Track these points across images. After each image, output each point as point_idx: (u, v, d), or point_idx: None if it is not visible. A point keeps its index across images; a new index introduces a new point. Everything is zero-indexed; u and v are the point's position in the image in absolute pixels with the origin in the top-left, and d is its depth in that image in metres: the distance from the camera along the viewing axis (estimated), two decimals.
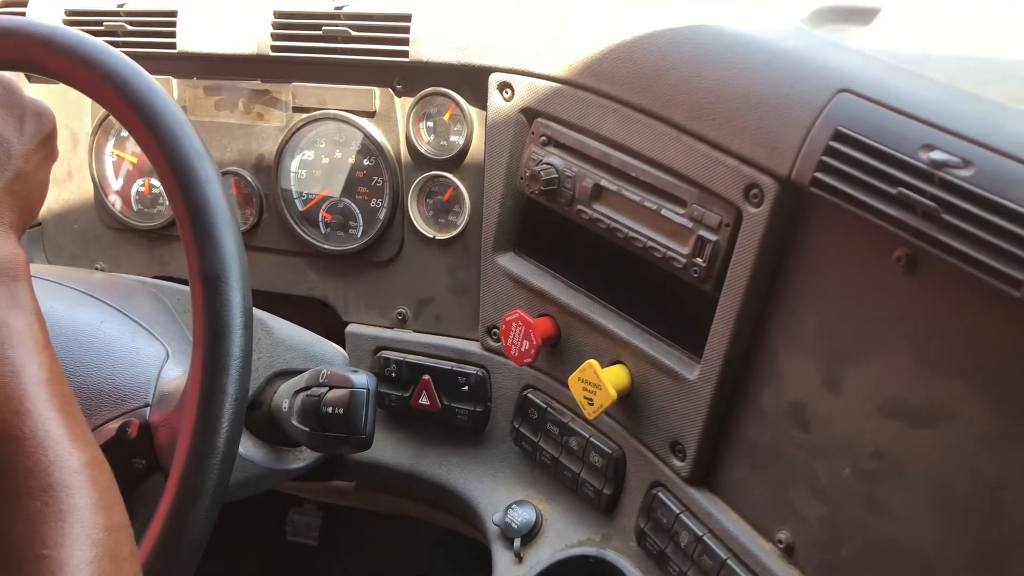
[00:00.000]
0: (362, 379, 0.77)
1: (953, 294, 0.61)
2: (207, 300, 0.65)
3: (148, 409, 0.75)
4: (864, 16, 0.82)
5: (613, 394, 0.84)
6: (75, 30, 0.70)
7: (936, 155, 0.60)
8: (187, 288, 0.95)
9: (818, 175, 0.66)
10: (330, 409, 0.77)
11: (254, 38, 1.06)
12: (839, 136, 0.65)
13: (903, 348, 0.65)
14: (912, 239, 0.61)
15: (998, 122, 0.60)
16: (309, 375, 0.82)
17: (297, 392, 0.83)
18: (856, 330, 0.68)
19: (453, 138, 1.01)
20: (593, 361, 0.86)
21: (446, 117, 1.01)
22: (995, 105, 0.62)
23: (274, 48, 1.05)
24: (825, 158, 0.66)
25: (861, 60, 0.70)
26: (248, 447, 0.87)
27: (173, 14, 1.09)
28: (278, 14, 1.04)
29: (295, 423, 0.82)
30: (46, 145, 0.64)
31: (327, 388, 0.79)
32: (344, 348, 1.08)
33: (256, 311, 0.93)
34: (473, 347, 1.04)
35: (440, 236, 1.04)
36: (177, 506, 0.63)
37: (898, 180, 0.61)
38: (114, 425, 0.74)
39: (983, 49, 0.78)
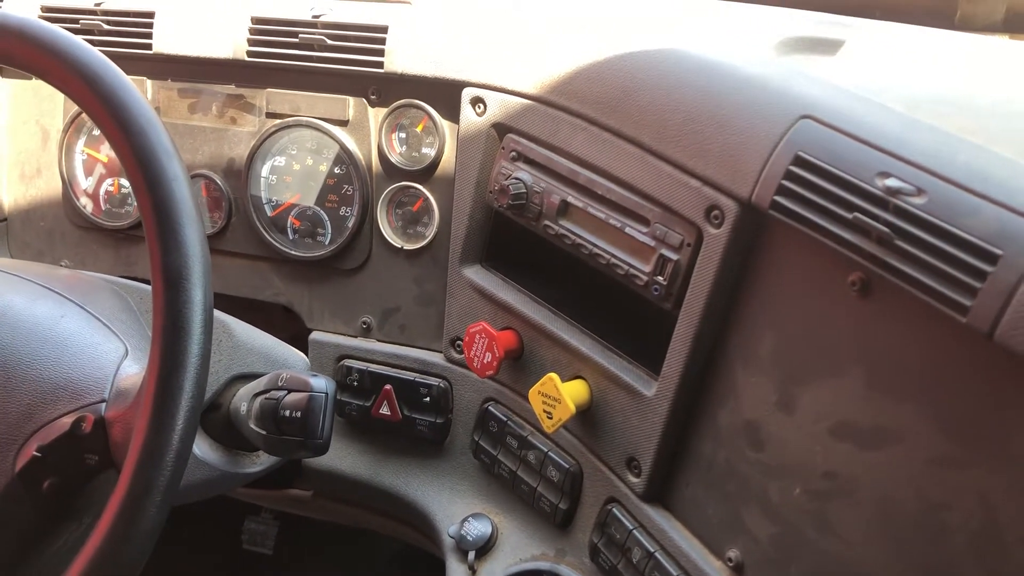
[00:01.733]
0: (321, 383, 0.77)
1: (904, 319, 0.62)
2: (168, 296, 0.64)
3: (104, 405, 0.74)
4: (829, 47, 0.84)
5: (572, 408, 0.85)
6: (49, 24, 0.71)
7: (891, 182, 0.61)
8: (149, 288, 0.96)
9: (777, 198, 0.68)
10: (287, 412, 0.77)
11: (230, 43, 1.06)
12: (799, 161, 0.67)
13: (855, 371, 0.66)
14: (866, 263, 0.62)
15: (951, 152, 0.61)
16: (268, 378, 0.82)
17: (256, 395, 0.83)
18: (810, 352, 0.69)
19: (425, 150, 1.02)
20: (554, 375, 0.87)
21: (419, 129, 1.02)
22: (949, 136, 0.64)
23: (250, 53, 1.05)
24: (785, 182, 0.67)
25: (824, 88, 0.72)
26: (205, 449, 0.87)
27: (150, 15, 1.09)
28: (255, 20, 1.05)
29: (252, 426, 0.81)
30: None
31: (285, 392, 0.78)
32: (307, 355, 1.08)
33: (218, 313, 0.93)
34: (436, 358, 1.05)
35: (408, 246, 1.04)
36: (128, 501, 0.63)
37: (854, 205, 0.63)
38: (69, 419, 0.73)
39: (941, 83, 0.80)
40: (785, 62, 0.80)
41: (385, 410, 1.06)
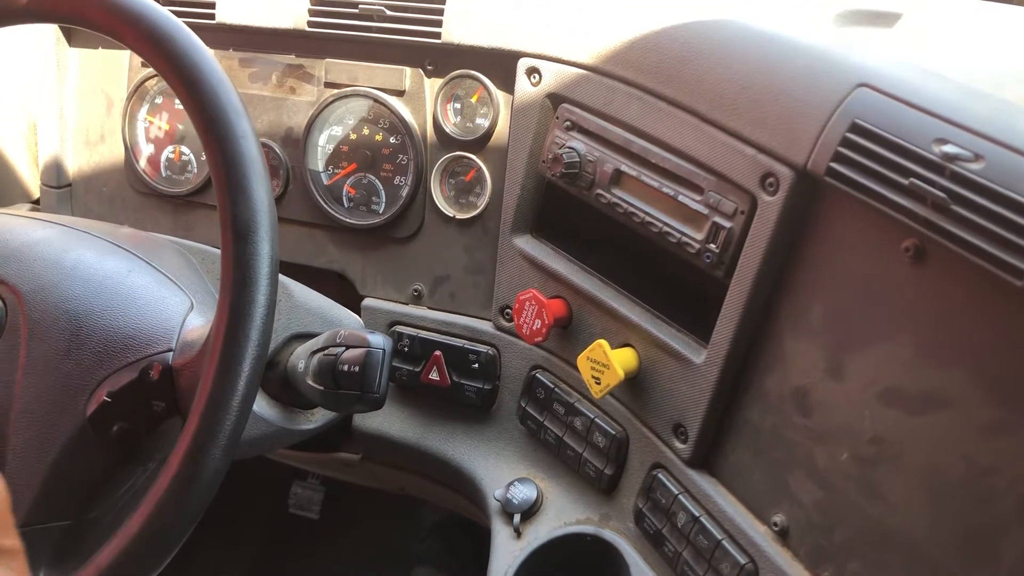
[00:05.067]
0: (379, 340, 0.79)
1: (957, 285, 0.63)
2: (237, 248, 0.67)
3: (171, 354, 0.77)
4: (887, 19, 0.84)
5: (621, 374, 0.86)
6: None
7: (948, 148, 0.62)
8: (212, 249, 0.99)
9: (833, 165, 0.68)
10: (346, 367, 0.79)
11: (291, 13, 1.08)
12: (855, 128, 0.67)
13: (906, 337, 0.67)
14: (921, 228, 0.63)
15: (1010, 120, 0.62)
16: (326, 336, 0.84)
17: (314, 352, 0.85)
18: (861, 318, 0.70)
19: (479, 120, 1.04)
20: (603, 341, 0.88)
21: (473, 99, 1.04)
22: (1008, 104, 0.64)
23: (310, 24, 1.08)
24: (841, 149, 0.68)
25: (880, 58, 0.72)
26: (262, 406, 0.89)
27: None
28: None
29: (310, 382, 0.84)
30: None
31: (344, 348, 0.81)
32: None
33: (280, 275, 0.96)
34: (485, 326, 1.07)
35: (460, 216, 1.06)
36: (194, 444, 0.66)
37: (910, 171, 0.63)
38: (137, 367, 0.76)
39: (1001, 56, 0.80)
40: (842, 33, 0.81)
41: (434, 376, 1.08)
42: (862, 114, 0.67)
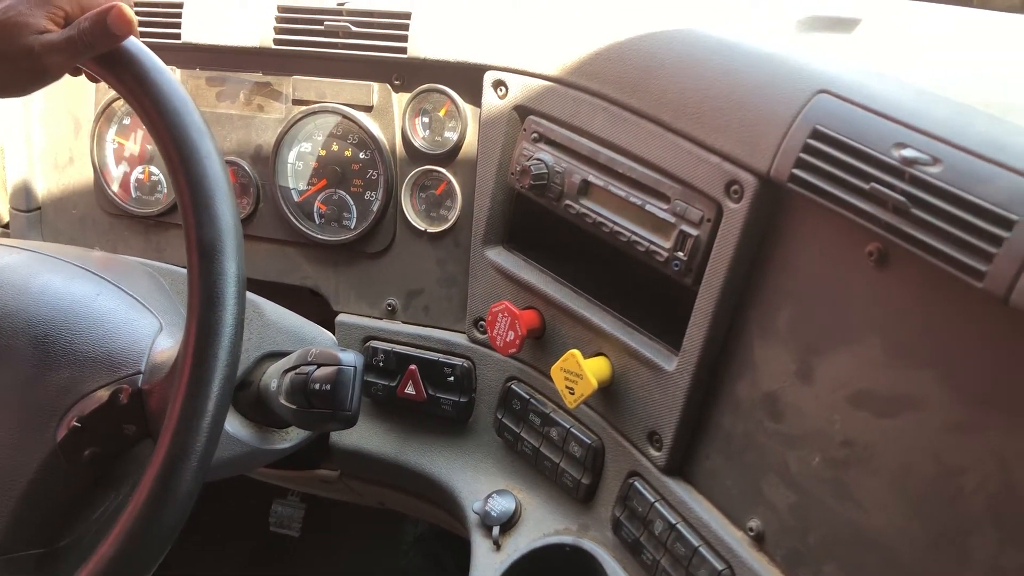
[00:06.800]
0: (349, 357, 0.79)
1: (921, 287, 0.63)
2: (203, 269, 0.67)
3: (140, 377, 0.77)
4: (846, 25, 0.85)
5: (594, 383, 0.87)
6: None
7: (907, 152, 0.63)
8: (181, 270, 0.98)
9: (796, 171, 0.69)
10: (317, 386, 0.79)
11: (257, 31, 1.08)
12: (816, 134, 0.68)
13: (873, 340, 0.67)
14: (883, 233, 0.63)
15: (966, 122, 0.63)
16: (298, 355, 0.84)
17: (286, 371, 0.85)
18: (829, 322, 0.71)
19: (448, 134, 1.04)
20: (576, 351, 0.88)
21: (441, 113, 1.04)
22: (964, 107, 0.65)
23: (276, 42, 1.08)
24: (803, 155, 0.69)
25: (840, 64, 0.73)
26: (236, 426, 0.89)
27: (179, 5, 1.12)
28: (281, 8, 1.07)
29: (283, 401, 0.83)
30: None
31: (315, 366, 0.80)
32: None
33: (249, 294, 0.96)
34: (460, 339, 1.07)
35: (432, 229, 1.06)
36: (165, 465, 0.65)
37: (871, 176, 0.64)
38: (107, 391, 0.75)
39: (958, 59, 0.81)
40: (803, 40, 0.81)
41: (410, 390, 1.08)
42: (823, 120, 0.68)
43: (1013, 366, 0.59)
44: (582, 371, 0.87)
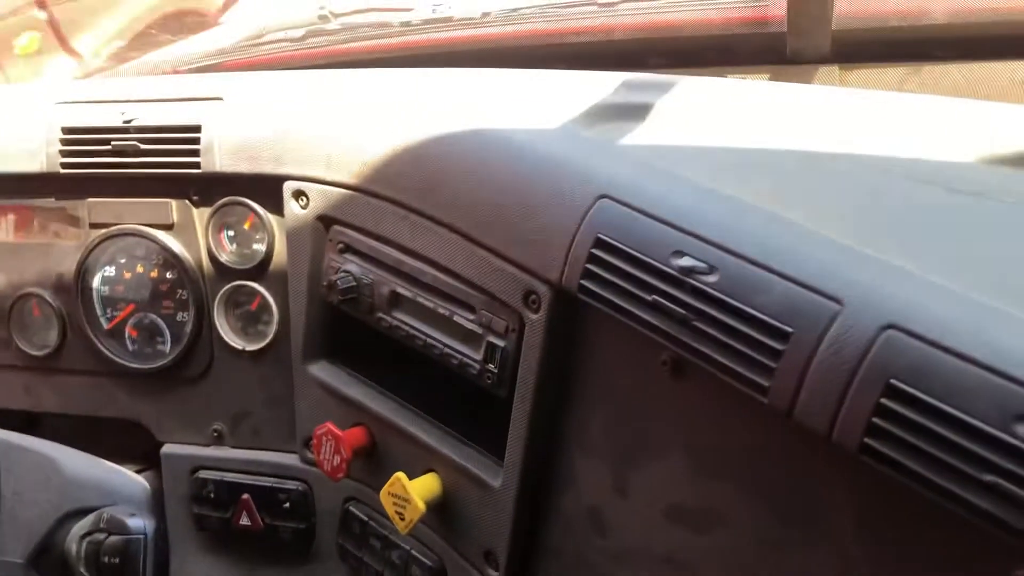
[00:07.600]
0: (139, 524, 0.73)
1: (714, 399, 0.61)
2: None
3: None
4: (637, 112, 0.84)
5: (421, 507, 0.82)
6: None
7: (684, 261, 0.60)
8: None
9: (583, 282, 0.66)
10: (106, 559, 0.72)
11: (43, 156, 1.01)
12: (599, 243, 0.65)
13: (678, 452, 0.64)
14: (670, 346, 0.61)
15: (738, 223, 0.61)
16: (93, 517, 0.77)
17: (84, 536, 0.77)
18: (635, 434, 0.68)
19: (255, 247, 0.98)
20: (401, 474, 0.83)
21: (246, 226, 0.98)
22: (738, 205, 0.63)
23: (64, 165, 1.01)
24: (588, 265, 0.66)
25: (620, 163, 0.71)
26: None
27: None
28: (65, 130, 1.00)
29: (82, 571, 0.76)
30: None
31: (107, 534, 0.73)
32: (161, 470, 1.03)
33: (47, 447, 0.88)
34: (293, 460, 1.00)
35: (250, 347, 1.00)
36: None
37: (653, 287, 0.61)
38: None
39: (749, 141, 0.80)
40: (589, 135, 0.79)
41: (246, 520, 1.01)
42: (604, 228, 0.66)
43: (808, 481, 0.56)
44: (409, 495, 0.82)
